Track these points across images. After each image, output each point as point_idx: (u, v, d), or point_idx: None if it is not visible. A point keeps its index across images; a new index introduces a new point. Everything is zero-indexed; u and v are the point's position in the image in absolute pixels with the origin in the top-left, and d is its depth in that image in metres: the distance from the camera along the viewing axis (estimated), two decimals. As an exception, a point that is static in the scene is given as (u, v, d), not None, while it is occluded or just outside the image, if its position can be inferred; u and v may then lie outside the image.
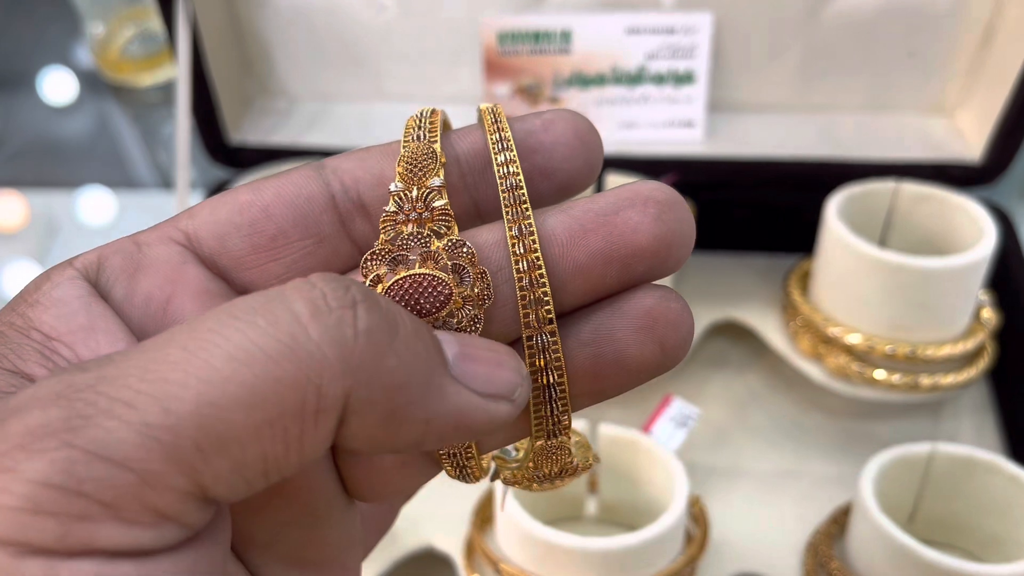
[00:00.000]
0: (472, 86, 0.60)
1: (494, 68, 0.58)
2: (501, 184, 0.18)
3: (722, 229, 0.60)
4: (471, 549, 0.47)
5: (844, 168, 0.56)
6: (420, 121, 0.19)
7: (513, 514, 0.43)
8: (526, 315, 0.18)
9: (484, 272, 0.18)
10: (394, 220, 0.18)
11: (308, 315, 0.14)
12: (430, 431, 0.16)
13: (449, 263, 0.18)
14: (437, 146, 0.18)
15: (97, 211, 0.73)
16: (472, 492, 0.49)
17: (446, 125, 0.20)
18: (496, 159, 0.18)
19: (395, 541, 0.50)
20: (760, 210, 0.60)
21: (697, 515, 0.47)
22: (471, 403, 0.16)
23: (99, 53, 0.79)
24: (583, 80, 0.58)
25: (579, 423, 0.47)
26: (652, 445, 0.47)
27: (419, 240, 0.18)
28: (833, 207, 0.52)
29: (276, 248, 0.19)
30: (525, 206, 0.18)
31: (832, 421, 0.56)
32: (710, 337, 0.59)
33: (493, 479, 0.21)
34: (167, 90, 0.80)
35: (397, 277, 0.18)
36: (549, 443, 0.19)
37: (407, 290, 0.18)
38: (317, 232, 0.19)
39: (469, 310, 0.18)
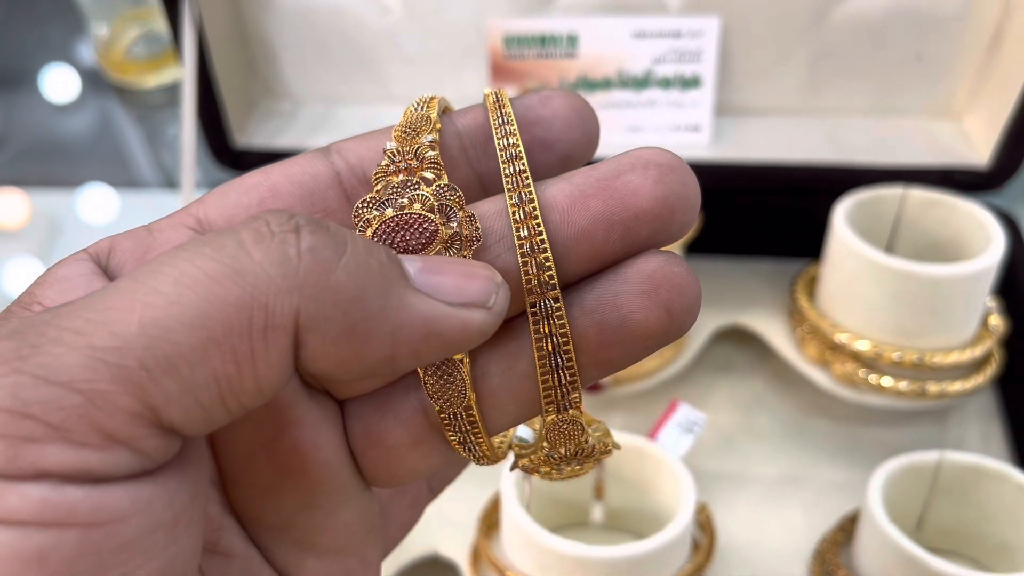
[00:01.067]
0: (478, 89, 0.60)
1: (500, 71, 0.58)
2: (501, 155, 0.18)
3: (728, 234, 0.60)
4: (477, 556, 0.47)
5: (851, 173, 0.56)
6: (418, 103, 0.20)
7: (519, 521, 0.43)
8: (528, 281, 0.18)
9: (472, 216, 0.18)
10: (386, 172, 0.18)
11: (251, 240, 0.15)
12: (398, 344, 0.16)
13: (436, 203, 0.18)
14: (433, 113, 0.19)
15: (100, 210, 0.73)
16: (478, 498, 0.49)
17: (447, 109, 0.21)
18: (496, 132, 0.19)
19: (401, 547, 0.50)
20: (766, 215, 0.60)
21: (704, 523, 0.47)
22: (440, 311, 0.16)
23: (103, 54, 0.79)
24: (589, 84, 0.58)
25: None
26: (659, 452, 0.46)
27: (409, 187, 0.18)
28: (841, 213, 0.51)
29: None
30: (525, 175, 0.18)
31: (838, 427, 0.56)
32: (716, 342, 0.59)
33: (512, 468, 0.21)
34: (171, 91, 0.80)
35: (384, 217, 0.18)
36: (560, 418, 0.18)
37: (393, 228, 0.18)
38: (323, 208, 0.19)
39: (456, 249, 0.18)
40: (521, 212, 0.18)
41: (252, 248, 0.14)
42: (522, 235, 0.18)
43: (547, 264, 0.17)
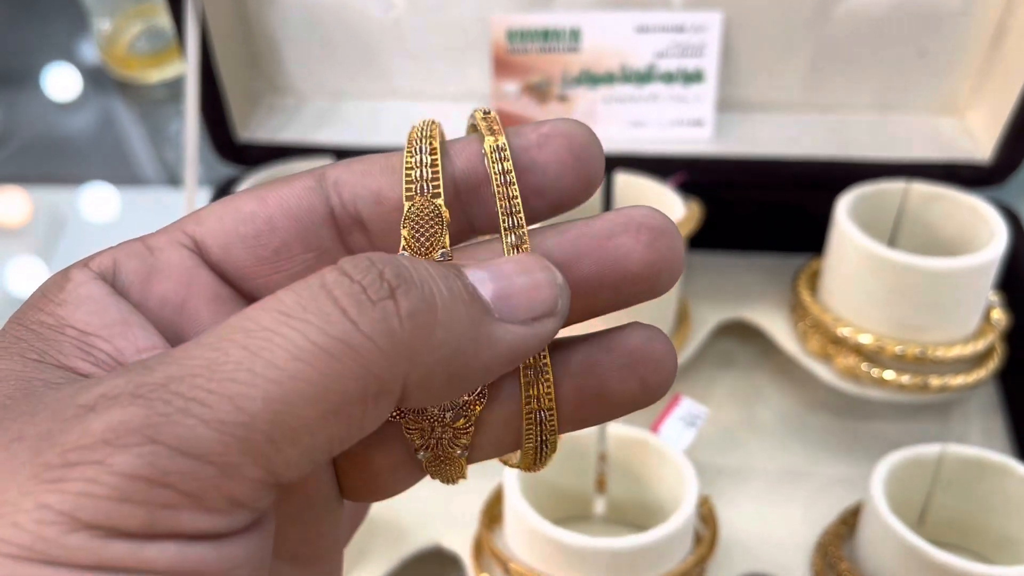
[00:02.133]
0: (481, 84, 0.60)
1: (503, 66, 0.58)
2: (501, 208, 0.19)
3: (731, 228, 0.60)
4: (479, 548, 0.47)
5: (853, 168, 0.56)
6: (420, 143, 0.19)
7: (522, 513, 0.43)
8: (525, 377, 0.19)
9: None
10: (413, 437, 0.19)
11: (355, 312, 0.15)
12: (490, 374, 0.17)
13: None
14: (441, 203, 0.18)
15: (102, 208, 0.73)
16: (481, 491, 0.49)
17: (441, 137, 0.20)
18: (495, 181, 0.19)
19: (403, 539, 0.50)
20: (769, 209, 0.60)
21: (706, 515, 0.47)
22: (520, 335, 0.17)
23: (106, 49, 0.79)
24: (592, 78, 0.58)
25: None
26: (661, 445, 0.47)
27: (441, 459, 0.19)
28: (843, 207, 0.51)
29: (279, 261, 0.20)
30: (523, 232, 0.19)
31: (840, 421, 0.56)
32: (718, 337, 0.59)
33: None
34: (174, 87, 0.80)
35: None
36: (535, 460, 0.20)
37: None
38: (318, 246, 0.20)
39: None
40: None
41: (358, 320, 0.15)
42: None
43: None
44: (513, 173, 0.19)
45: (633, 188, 0.54)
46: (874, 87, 0.59)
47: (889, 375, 0.50)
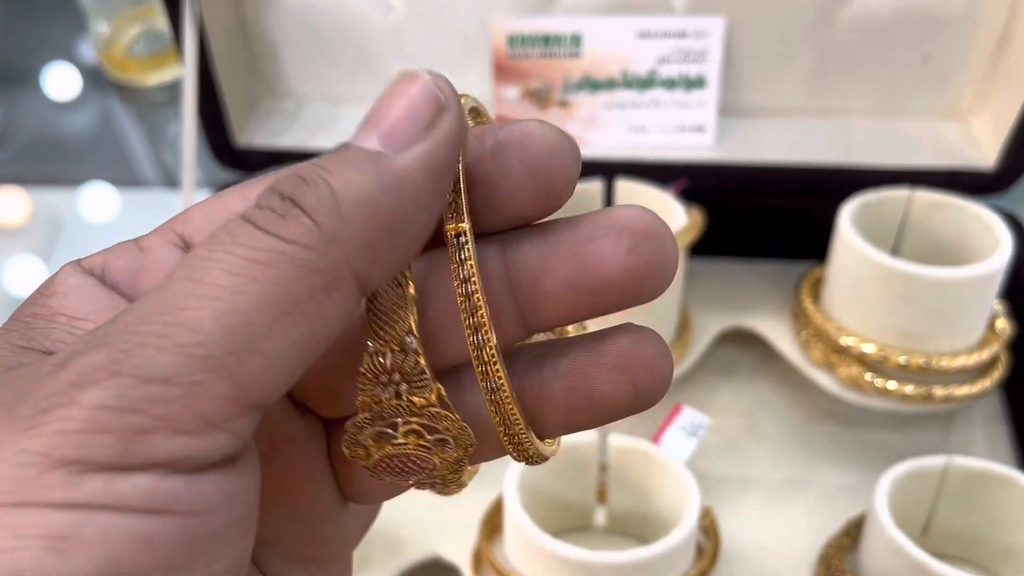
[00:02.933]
0: (481, 89, 0.60)
1: (503, 71, 0.57)
2: (450, 249, 0.17)
3: (732, 235, 0.60)
4: (478, 559, 0.47)
5: (856, 174, 0.56)
6: None
7: (521, 525, 0.42)
8: (473, 351, 0.17)
9: (465, 427, 0.18)
10: (372, 385, 0.18)
11: (273, 227, 0.16)
12: (423, 204, 0.16)
13: (431, 438, 0.18)
14: (411, 288, 0.17)
15: (100, 208, 0.73)
16: (480, 501, 0.48)
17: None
18: (446, 216, 0.18)
19: (402, 549, 0.49)
20: (771, 216, 0.60)
21: (708, 527, 0.47)
22: (423, 151, 0.16)
23: (104, 52, 0.79)
24: (593, 84, 0.57)
25: (589, 434, 0.47)
26: (662, 456, 0.46)
27: (399, 412, 0.18)
28: (846, 215, 0.51)
29: None
30: (476, 292, 0.17)
31: (843, 431, 0.56)
32: (720, 345, 0.58)
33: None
34: (172, 89, 0.79)
35: (384, 454, 0.18)
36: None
37: (395, 466, 0.18)
38: None
39: (451, 459, 0.18)
40: (464, 288, 0.17)
41: (277, 231, 0.15)
42: (465, 310, 0.17)
43: (495, 362, 0.17)
44: (463, 189, 0.18)
45: (634, 195, 0.54)
46: (877, 92, 0.58)
47: (892, 385, 0.50)
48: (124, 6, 0.76)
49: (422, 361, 0.17)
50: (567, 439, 0.46)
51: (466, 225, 0.17)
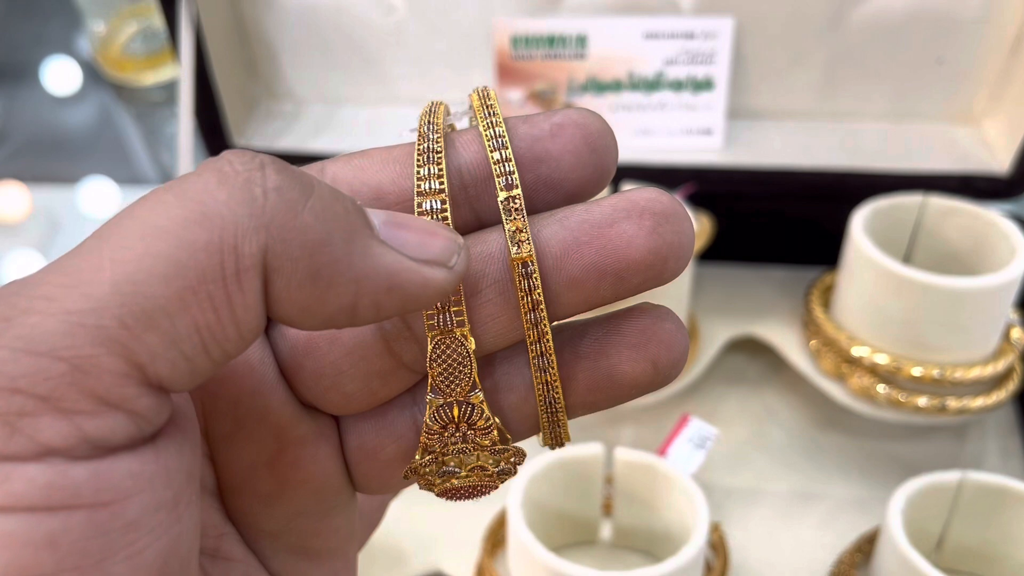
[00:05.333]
0: (484, 91, 0.59)
1: (507, 72, 0.56)
2: (503, 207, 0.18)
3: (741, 240, 0.59)
4: (481, 574, 0.46)
5: (867, 178, 0.54)
6: (429, 138, 0.18)
7: (524, 541, 0.41)
8: (528, 333, 0.18)
9: (520, 451, 0.19)
10: (439, 434, 0.19)
11: (216, 181, 0.14)
12: (361, 293, 0.15)
13: (495, 470, 0.19)
14: (467, 336, 0.18)
15: (98, 205, 0.72)
16: (483, 516, 0.47)
17: (445, 110, 0.20)
18: (498, 183, 0.18)
19: (405, 563, 0.48)
20: (780, 221, 0.59)
21: (716, 543, 0.46)
22: (403, 265, 0.16)
23: (100, 51, 0.78)
24: (599, 86, 0.56)
25: (594, 446, 0.46)
26: (669, 469, 0.45)
27: (465, 453, 0.19)
28: (858, 221, 0.50)
29: None
30: (528, 247, 0.18)
31: (854, 442, 0.54)
32: (728, 353, 0.57)
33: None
34: (170, 89, 0.78)
35: (448, 487, 0.19)
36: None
37: (459, 494, 0.20)
38: None
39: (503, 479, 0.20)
40: (526, 284, 0.18)
41: (216, 189, 0.14)
42: (526, 305, 0.18)
43: (545, 330, 0.18)
44: (513, 160, 0.18)
45: (641, 200, 0.53)
46: (889, 95, 0.57)
47: (905, 396, 0.49)
48: (120, 5, 0.75)
49: (487, 410, 0.18)
50: (571, 452, 0.45)
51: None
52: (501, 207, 0.18)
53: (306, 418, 0.19)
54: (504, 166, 0.18)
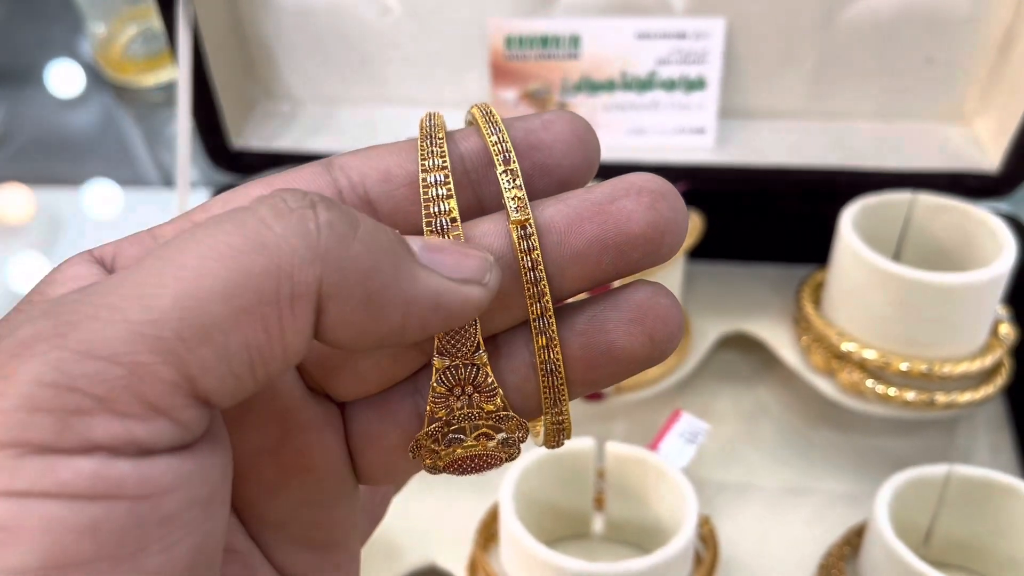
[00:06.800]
0: (479, 91, 0.59)
1: (501, 73, 0.57)
2: (502, 178, 0.19)
3: (733, 238, 0.59)
4: (474, 568, 0.46)
5: (858, 177, 0.55)
6: (430, 130, 0.19)
7: (517, 534, 0.42)
8: (532, 307, 0.19)
9: (524, 424, 0.20)
10: (445, 399, 0.19)
11: (271, 215, 0.15)
12: (410, 315, 0.17)
13: (499, 438, 0.20)
14: (476, 328, 0.19)
15: (102, 207, 0.73)
16: (476, 510, 0.48)
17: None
18: (496, 159, 0.19)
19: (398, 557, 0.49)
20: (772, 219, 0.59)
21: (706, 536, 0.46)
22: (445, 286, 0.17)
23: (101, 53, 0.78)
24: (592, 85, 0.57)
25: (586, 440, 0.46)
26: (660, 463, 0.46)
27: (471, 419, 0.19)
28: (848, 218, 0.50)
29: None
30: (526, 212, 0.19)
31: (844, 437, 0.55)
32: (720, 350, 0.58)
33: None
34: (170, 90, 0.79)
35: (454, 457, 0.20)
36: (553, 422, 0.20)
37: (463, 466, 0.20)
38: None
39: (508, 454, 0.20)
40: (526, 245, 0.19)
41: (273, 222, 0.15)
42: (526, 265, 0.19)
43: (544, 292, 0.19)
44: (510, 143, 0.19)
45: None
46: (879, 95, 0.57)
47: (894, 391, 0.49)
48: (121, 7, 0.76)
49: (491, 374, 0.19)
50: (563, 447, 0.46)
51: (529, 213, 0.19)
52: (500, 179, 0.19)
53: (312, 403, 0.19)
54: (502, 145, 0.19)
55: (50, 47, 0.86)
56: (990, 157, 0.56)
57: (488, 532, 0.47)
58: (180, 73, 0.53)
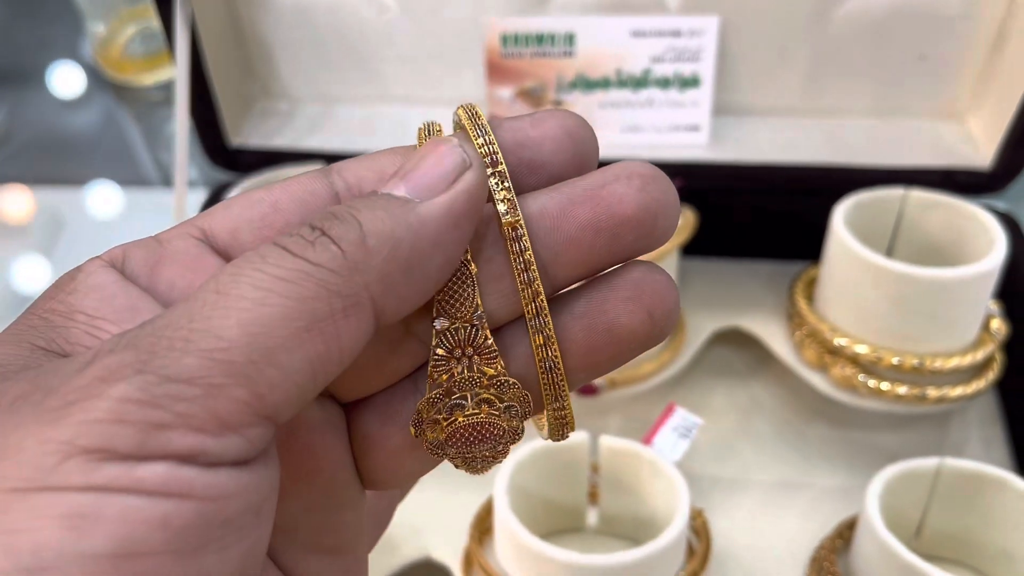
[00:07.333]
0: (475, 89, 0.60)
1: (497, 70, 0.57)
2: (495, 191, 0.19)
3: (727, 235, 0.60)
4: (469, 561, 0.47)
5: (851, 174, 0.55)
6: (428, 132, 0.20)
7: (512, 527, 0.42)
8: (527, 307, 0.19)
9: (526, 395, 0.20)
10: (446, 362, 0.19)
11: (298, 248, 0.17)
12: (442, 247, 0.18)
13: (501, 405, 0.20)
14: (468, 260, 0.19)
15: (102, 207, 0.73)
16: (471, 503, 0.48)
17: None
18: (483, 161, 0.19)
19: (394, 550, 0.49)
20: (765, 216, 0.60)
21: (699, 528, 0.47)
22: (447, 200, 0.18)
23: (101, 52, 0.79)
24: (587, 83, 0.57)
25: (580, 435, 0.47)
26: (654, 457, 0.46)
27: (472, 383, 0.19)
28: (840, 215, 0.51)
29: None
30: (516, 215, 0.19)
31: (837, 432, 0.55)
32: (714, 345, 0.58)
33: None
34: (169, 89, 0.79)
35: (456, 427, 0.20)
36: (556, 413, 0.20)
37: (466, 437, 0.20)
38: None
39: (513, 426, 0.20)
40: (518, 246, 0.19)
41: (303, 253, 0.17)
42: (518, 267, 0.19)
43: (536, 281, 0.19)
44: (496, 144, 0.19)
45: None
46: (873, 92, 0.58)
47: (886, 386, 0.50)
48: (120, 7, 0.76)
49: (490, 335, 0.19)
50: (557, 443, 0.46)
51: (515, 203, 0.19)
52: (488, 181, 0.19)
53: (314, 404, 0.20)
54: (488, 148, 0.19)
55: (50, 48, 0.87)
56: (983, 153, 0.56)
57: (483, 526, 0.47)
58: (178, 72, 0.54)
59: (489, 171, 0.19)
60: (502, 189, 0.19)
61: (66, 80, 0.84)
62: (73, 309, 0.18)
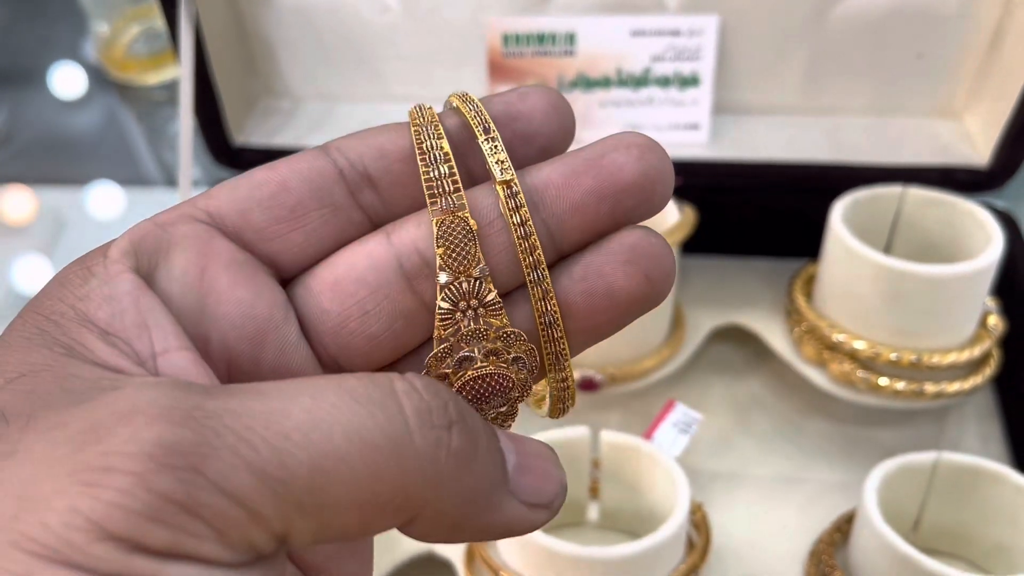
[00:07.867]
0: (476, 88, 0.60)
1: (498, 70, 0.58)
2: (488, 154, 0.20)
3: (726, 232, 0.60)
4: (471, 555, 0.47)
5: (850, 172, 0.56)
6: (428, 143, 0.20)
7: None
8: (524, 261, 0.20)
9: (532, 348, 0.20)
10: (452, 316, 0.20)
11: (415, 426, 0.16)
12: (479, 537, 0.18)
13: (509, 356, 0.20)
14: (468, 217, 0.19)
15: (104, 207, 0.74)
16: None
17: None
18: (477, 130, 0.20)
19: (396, 546, 0.50)
20: (765, 214, 0.60)
21: (699, 522, 0.47)
22: (520, 515, 0.18)
23: (104, 52, 0.79)
24: (587, 82, 0.58)
25: (581, 430, 0.47)
26: (654, 451, 0.46)
27: (479, 336, 0.20)
28: (838, 212, 0.51)
29: (296, 218, 0.20)
30: (509, 170, 0.20)
31: (835, 427, 0.56)
32: (713, 342, 0.59)
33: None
34: (172, 89, 0.80)
35: (466, 379, 0.20)
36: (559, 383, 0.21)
37: (477, 389, 0.20)
38: (332, 202, 0.21)
39: (522, 379, 0.20)
40: (514, 203, 0.20)
41: (415, 434, 0.16)
42: (515, 221, 0.20)
43: (536, 247, 0.19)
44: (490, 120, 0.20)
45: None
46: (871, 90, 0.58)
47: (884, 381, 0.50)
48: (124, 6, 0.77)
49: (493, 288, 0.20)
50: (559, 435, 0.47)
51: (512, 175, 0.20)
52: (483, 147, 0.20)
53: None
54: (480, 117, 0.20)
55: (53, 48, 0.87)
56: (980, 152, 0.57)
57: (485, 520, 0.48)
58: (182, 70, 0.54)
59: (482, 138, 0.20)
60: (496, 152, 0.20)
61: (68, 80, 0.84)
62: (84, 317, 0.18)
